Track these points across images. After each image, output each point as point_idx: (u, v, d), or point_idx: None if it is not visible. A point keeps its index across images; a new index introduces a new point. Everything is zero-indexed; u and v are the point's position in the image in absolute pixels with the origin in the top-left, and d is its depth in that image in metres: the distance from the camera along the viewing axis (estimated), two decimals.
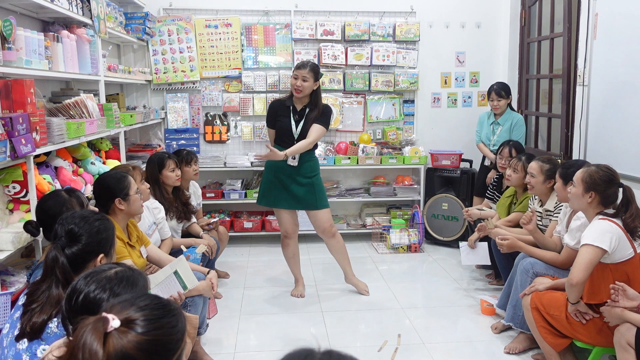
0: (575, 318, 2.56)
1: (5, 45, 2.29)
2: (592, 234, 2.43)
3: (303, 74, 3.57)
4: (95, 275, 1.39)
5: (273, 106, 3.76)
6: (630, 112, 3.42)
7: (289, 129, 3.66)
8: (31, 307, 1.62)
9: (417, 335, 3.24)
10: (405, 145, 5.31)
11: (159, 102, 5.21)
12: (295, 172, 3.68)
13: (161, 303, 1.19)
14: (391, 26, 5.22)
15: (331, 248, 3.89)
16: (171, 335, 1.16)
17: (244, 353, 3.05)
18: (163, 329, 1.15)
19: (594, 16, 3.75)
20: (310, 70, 3.59)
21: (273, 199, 3.76)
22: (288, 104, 3.70)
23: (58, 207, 2.17)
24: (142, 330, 1.11)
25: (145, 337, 1.11)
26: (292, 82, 3.61)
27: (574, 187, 2.59)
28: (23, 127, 2.27)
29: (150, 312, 1.15)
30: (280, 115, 3.70)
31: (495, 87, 4.58)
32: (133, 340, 1.09)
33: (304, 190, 3.69)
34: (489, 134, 4.65)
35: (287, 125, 3.66)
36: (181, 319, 1.21)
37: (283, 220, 3.80)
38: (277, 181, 3.71)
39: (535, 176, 3.29)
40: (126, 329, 1.11)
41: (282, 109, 3.71)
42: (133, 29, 4.48)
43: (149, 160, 3.68)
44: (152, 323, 1.13)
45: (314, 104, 3.68)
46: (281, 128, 3.69)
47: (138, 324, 1.11)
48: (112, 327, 1.10)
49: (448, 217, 5.04)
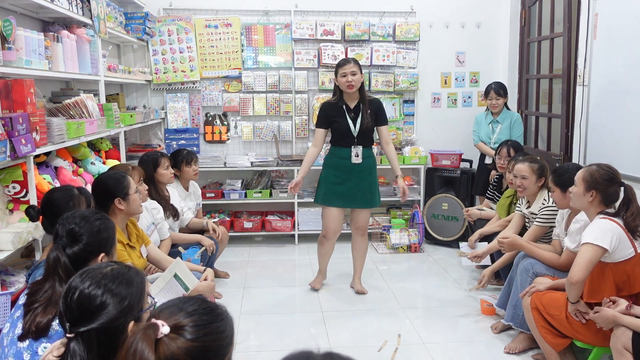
0: (575, 318, 2.56)
1: (5, 45, 2.29)
2: (593, 233, 2.42)
3: (352, 69, 3.58)
4: (90, 272, 1.39)
5: (325, 108, 3.77)
6: (630, 112, 3.42)
7: (347, 129, 3.68)
8: (33, 306, 1.62)
9: (417, 335, 3.24)
10: (405, 145, 5.31)
11: (159, 102, 5.21)
12: (358, 169, 3.73)
13: (209, 307, 1.19)
14: (391, 26, 5.23)
15: (356, 246, 3.93)
16: (220, 341, 1.17)
17: (244, 353, 3.05)
18: (212, 335, 1.15)
19: (594, 16, 3.75)
20: (355, 63, 3.61)
21: (329, 198, 3.77)
22: (340, 104, 3.71)
23: (64, 200, 2.19)
24: (192, 336, 1.11)
25: (195, 344, 1.11)
26: (342, 81, 3.60)
27: (575, 186, 2.59)
28: (23, 127, 2.27)
29: (199, 317, 1.15)
30: (334, 116, 3.71)
31: (494, 85, 4.63)
32: (183, 347, 1.10)
33: (363, 188, 3.75)
34: (488, 132, 4.67)
35: (345, 126, 3.68)
36: (229, 323, 1.21)
37: (330, 218, 3.80)
38: (337, 180, 3.74)
39: (527, 177, 3.30)
40: (176, 335, 1.11)
41: (335, 110, 3.72)
42: (133, 29, 4.48)
43: (141, 159, 3.66)
44: (202, 329, 1.14)
45: (364, 99, 3.71)
46: (339, 128, 3.71)
47: (187, 330, 1.12)
48: (162, 333, 1.10)
49: (448, 217, 5.04)
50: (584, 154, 3.88)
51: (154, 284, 2.39)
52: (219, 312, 1.20)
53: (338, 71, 3.64)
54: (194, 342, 1.11)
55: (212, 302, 1.23)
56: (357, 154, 3.69)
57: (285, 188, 5.12)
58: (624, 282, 2.47)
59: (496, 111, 4.63)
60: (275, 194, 5.09)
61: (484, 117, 4.76)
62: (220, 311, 1.20)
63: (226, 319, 1.20)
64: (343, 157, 3.72)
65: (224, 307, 1.24)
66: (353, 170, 3.72)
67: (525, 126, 5.09)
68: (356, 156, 3.69)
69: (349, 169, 3.71)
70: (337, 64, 3.67)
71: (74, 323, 1.31)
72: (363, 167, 3.73)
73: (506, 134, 4.54)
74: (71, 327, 1.31)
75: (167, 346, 1.10)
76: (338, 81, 3.66)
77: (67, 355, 1.30)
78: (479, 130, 4.75)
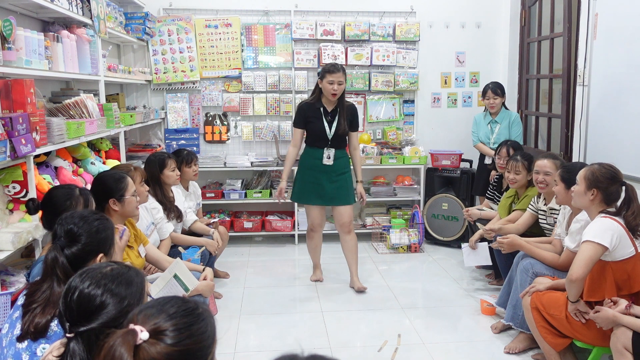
0: (575, 318, 2.56)
1: (5, 45, 2.29)
2: (594, 231, 2.43)
3: (339, 79, 3.66)
4: (90, 272, 1.38)
5: (302, 108, 3.85)
6: (630, 112, 3.42)
7: (322, 131, 3.78)
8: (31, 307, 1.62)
9: (417, 335, 3.24)
10: (405, 145, 5.31)
11: (159, 102, 5.21)
12: (330, 169, 3.83)
13: (189, 308, 1.16)
14: (391, 26, 5.22)
15: (345, 244, 3.99)
16: (201, 342, 1.14)
17: (244, 353, 3.05)
18: (193, 337, 1.12)
19: (594, 16, 3.75)
20: (343, 72, 3.70)
21: (306, 197, 3.91)
22: (318, 105, 3.80)
23: (63, 198, 2.20)
24: (172, 341, 1.09)
25: (176, 348, 1.08)
26: (328, 88, 3.67)
27: (576, 185, 2.59)
28: (23, 127, 2.27)
29: (180, 320, 1.12)
30: (311, 117, 3.81)
31: (491, 85, 4.64)
32: (163, 352, 1.07)
33: (337, 186, 3.86)
34: (487, 133, 4.67)
35: (321, 127, 3.78)
36: (211, 322, 1.18)
37: (312, 215, 3.97)
38: (311, 179, 3.86)
39: (551, 173, 3.19)
40: (155, 340, 1.08)
41: (313, 111, 3.81)
42: (133, 29, 4.48)
43: (148, 160, 3.67)
44: (182, 332, 1.11)
45: (342, 104, 3.81)
46: (314, 130, 3.81)
47: (167, 334, 1.09)
48: (141, 339, 1.07)
49: (448, 217, 5.04)
50: (584, 154, 3.88)
51: (153, 284, 2.39)
52: (199, 313, 1.17)
53: (325, 76, 3.68)
54: (175, 347, 1.08)
55: (192, 302, 1.19)
56: (329, 155, 3.80)
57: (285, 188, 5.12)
58: (624, 281, 2.47)
59: (494, 111, 4.63)
60: (275, 194, 5.09)
61: (482, 117, 4.76)
62: (200, 311, 1.17)
63: (207, 318, 1.18)
64: (316, 157, 3.83)
65: (204, 306, 1.21)
66: (325, 170, 3.83)
67: (525, 126, 5.09)
68: (328, 158, 3.81)
69: (321, 169, 3.83)
70: (326, 69, 3.69)
71: (73, 323, 1.31)
72: (335, 167, 3.84)
73: (505, 134, 4.54)
74: (71, 326, 1.31)
75: (146, 351, 1.07)
76: (323, 85, 3.72)
77: (67, 355, 1.30)
78: (477, 130, 4.75)
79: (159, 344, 1.08)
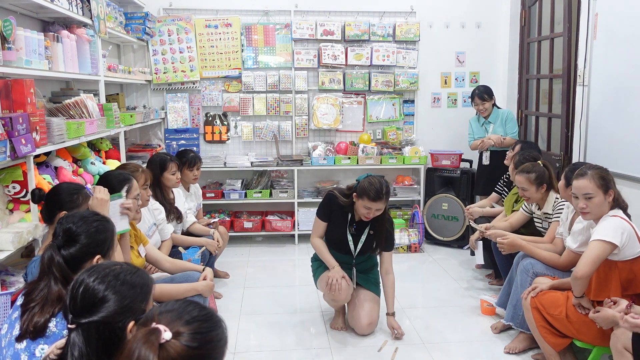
0: (578, 310, 2.56)
1: (5, 45, 2.29)
2: (604, 230, 2.43)
3: (378, 207, 3.03)
4: (98, 268, 1.43)
5: (331, 200, 3.22)
6: (630, 112, 3.42)
7: (344, 241, 3.21)
8: (30, 306, 1.62)
9: (417, 335, 3.24)
10: (405, 145, 5.31)
11: (159, 102, 5.21)
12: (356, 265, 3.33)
13: (209, 314, 1.21)
14: (391, 26, 5.23)
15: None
16: (218, 349, 1.18)
17: (244, 353, 3.05)
18: (211, 343, 1.17)
19: (594, 16, 3.75)
20: (386, 199, 3.05)
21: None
22: (347, 210, 3.19)
23: (70, 192, 2.24)
24: (192, 344, 1.13)
25: (194, 351, 1.13)
26: (362, 212, 3.05)
27: (591, 198, 2.50)
28: (23, 127, 2.27)
29: (200, 325, 1.17)
30: (335, 214, 3.22)
31: (477, 91, 4.66)
32: (182, 354, 1.11)
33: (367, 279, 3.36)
34: (482, 134, 4.69)
35: (342, 236, 3.20)
36: (225, 330, 1.23)
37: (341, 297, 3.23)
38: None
39: (527, 189, 3.30)
40: (176, 341, 1.12)
41: (338, 208, 3.20)
42: (133, 29, 4.48)
43: (150, 160, 3.67)
44: (202, 336, 1.15)
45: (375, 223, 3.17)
46: (334, 235, 3.23)
47: (187, 337, 1.13)
48: (165, 339, 1.11)
49: (448, 217, 5.04)
50: (584, 154, 3.88)
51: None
52: (218, 320, 1.22)
53: (364, 199, 3.01)
54: (194, 350, 1.13)
55: (210, 308, 1.24)
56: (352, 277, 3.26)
57: (285, 188, 5.13)
58: (630, 281, 2.47)
59: (485, 114, 4.67)
60: (275, 194, 5.09)
61: (476, 120, 4.79)
62: (218, 318, 1.22)
63: (223, 326, 1.22)
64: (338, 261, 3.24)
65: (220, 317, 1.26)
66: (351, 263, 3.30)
67: (525, 126, 5.10)
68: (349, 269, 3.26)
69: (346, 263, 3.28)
70: (366, 192, 2.99)
71: (76, 314, 1.36)
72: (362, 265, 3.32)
73: (500, 132, 4.58)
74: (73, 317, 1.36)
75: (167, 351, 1.11)
76: (357, 205, 3.09)
77: (68, 346, 1.35)
78: (473, 133, 4.78)
79: (179, 346, 1.12)
